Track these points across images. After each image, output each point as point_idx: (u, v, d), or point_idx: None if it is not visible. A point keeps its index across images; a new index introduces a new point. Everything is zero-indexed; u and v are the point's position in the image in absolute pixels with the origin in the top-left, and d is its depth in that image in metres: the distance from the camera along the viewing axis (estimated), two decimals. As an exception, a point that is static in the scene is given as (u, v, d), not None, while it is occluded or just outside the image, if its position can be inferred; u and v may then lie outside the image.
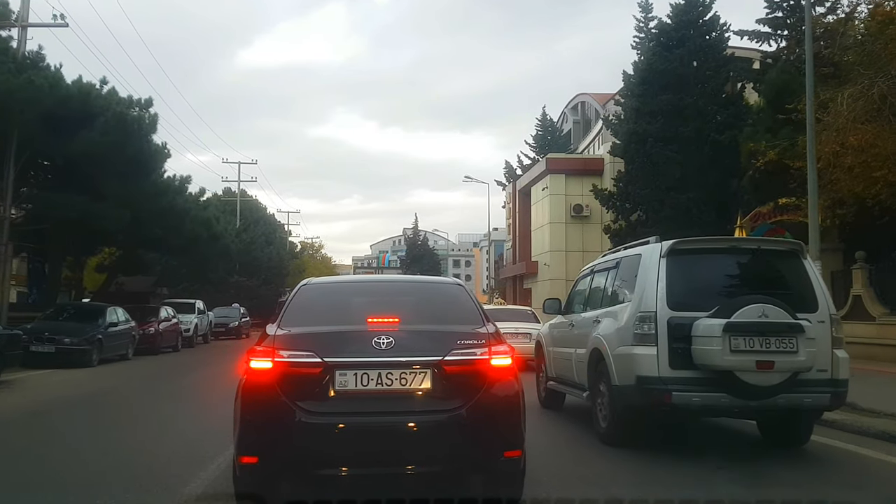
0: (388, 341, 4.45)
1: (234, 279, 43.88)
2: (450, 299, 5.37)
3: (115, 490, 5.31)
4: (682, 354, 6.27)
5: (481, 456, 4.41)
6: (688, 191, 23.89)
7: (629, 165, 26.15)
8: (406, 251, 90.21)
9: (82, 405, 10.85)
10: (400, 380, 4.38)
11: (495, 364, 4.50)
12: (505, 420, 4.47)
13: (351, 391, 4.35)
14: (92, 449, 7.10)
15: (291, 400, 4.31)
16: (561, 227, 32.69)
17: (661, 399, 6.25)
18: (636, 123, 25.10)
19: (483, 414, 4.38)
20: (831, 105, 15.14)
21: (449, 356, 4.44)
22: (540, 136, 47.76)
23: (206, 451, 6.59)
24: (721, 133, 23.99)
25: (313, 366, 4.36)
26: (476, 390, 4.42)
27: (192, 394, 12.55)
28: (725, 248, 7.30)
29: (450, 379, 4.42)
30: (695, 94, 24.68)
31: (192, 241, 25.67)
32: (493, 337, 4.69)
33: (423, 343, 4.54)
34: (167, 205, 22.10)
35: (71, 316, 19.00)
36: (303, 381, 4.38)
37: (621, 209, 27.64)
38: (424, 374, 4.40)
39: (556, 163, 33.95)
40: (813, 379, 6.30)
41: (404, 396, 4.39)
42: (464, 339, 4.58)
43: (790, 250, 7.01)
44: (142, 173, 20.22)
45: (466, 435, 4.35)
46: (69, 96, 18.25)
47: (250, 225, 48.98)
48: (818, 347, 6.29)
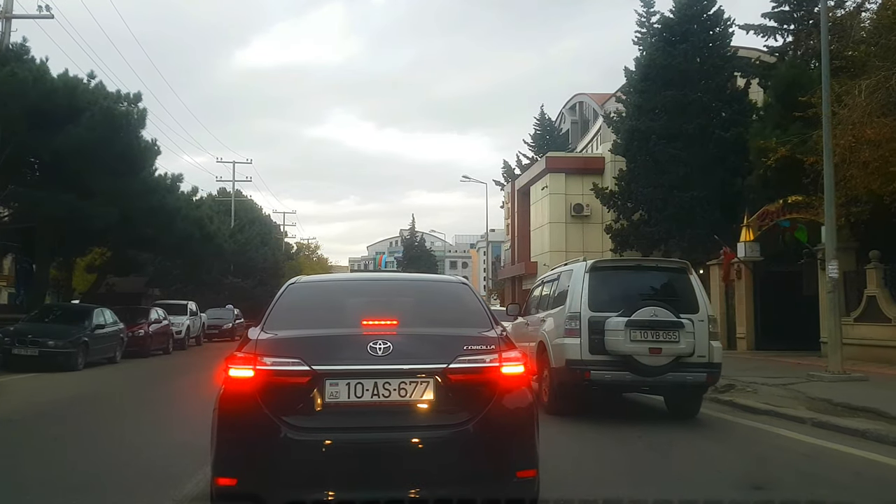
0: (385, 347, 3.94)
1: (229, 280, 43.23)
2: (454, 299, 4.85)
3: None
4: (597, 343, 8.35)
5: (492, 477, 3.89)
6: (692, 189, 23.32)
7: (631, 164, 25.57)
8: (403, 252, 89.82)
9: (56, 413, 10.21)
10: (399, 390, 3.87)
11: (506, 372, 4.00)
12: (518, 436, 3.98)
13: (343, 403, 3.84)
14: (56, 462, 6.48)
15: (275, 413, 3.79)
16: (561, 227, 32.08)
17: (583, 377, 8.31)
18: (638, 120, 24.52)
19: (493, 429, 3.89)
20: (845, 98, 14.57)
21: (455, 363, 3.93)
22: (538, 136, 47.17)
23: (182, 469, 5.96)
24: (726, 130, 23.44)
25: (300, 374, 3.83)
26: (485, 402, 3.92)
27: (175, 401, 11.89)
28: (632, 266, 10.29)
29: (456, 389, 3.92)
30: (699, 91, 24.12)
31: (184, 241, 25.03)
32: (504, 342, 4.18)
33: (425, 348, 4.03)
34: (157, 203, 21.46)
35: (57, 318, 18.40)
36: (288, 391, 3.84)
37: (623, 208, 27.07)
38: (427, 383, 3.90)
39: (556, 161, 33.33)
40: (694, 362, 8.37)
41: (404, 409, 3.88)
42: (471, 345, 4.05)
43: (680, 268, 9.20)
44: (131, 170, 19.56)
45: (475, 453, 3.85)
46: (54, 90, 17.64)
47: (245, 225, 48.36)
48: (697, 339, 8.34)
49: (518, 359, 4.10)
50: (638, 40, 27.38)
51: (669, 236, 24.32)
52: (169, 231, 23.06)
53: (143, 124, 19.45)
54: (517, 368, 4.05)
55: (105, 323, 18.89)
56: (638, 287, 8.97)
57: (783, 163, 16.55)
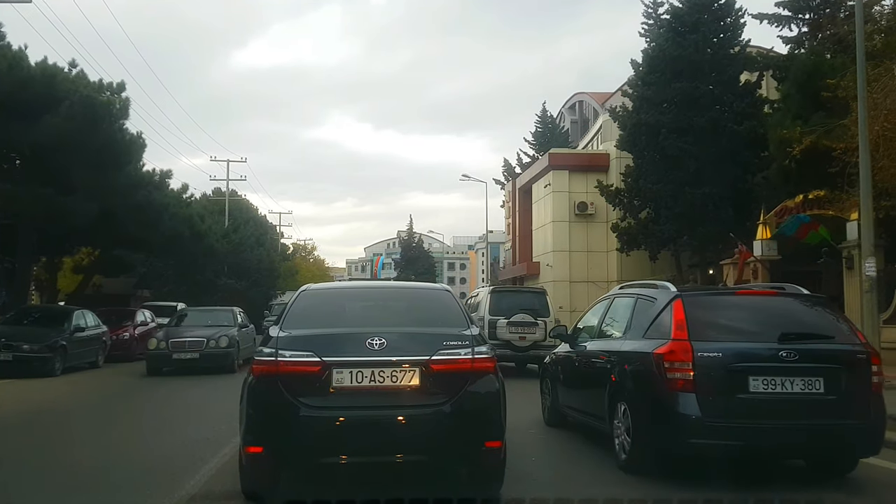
0: (380, 342, 4.80)
1: (223, 281, 42.06)
2: (437, 304, 5.68)
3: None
4: (492, 334, 14.67)
5: (464, 446, 4.84)
6: (703, 185, 22.31)
7: (639, 159, 24.54)
8: (401, 253, 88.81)
9: (18, 426, 9.20)
10: (391, 377, 4.75)
11: (477, 363, 4.86)
12: (486, 414, 4.87)
13: (347, 387, 4.72)
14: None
15: (293, 395, 4.67)
16: (564, 226, 30.98)
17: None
18: (647, 114, 23.45)
19: (466, 408, 4.79)
20: (875, 85, 13.61)
21: (436, 356, 4.81)
22: (540, 133, 46.09)
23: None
24: (739, 124, 22.44)
25: (313, 364, 4.71)
26: (460, 387, 4.80)
27: (151, 412, 10.85)
28: (513, 289, 18.92)
29: (436, 376, 4.79)
30: (710, 83, 23.13)
31: (173, 240, 23.96)
32: (476, 339, 5.07)
33: (412, 344, 4.91)
34: (144, 200, 20.37)
35: (35, 320, 17.42)
36: (303, 378, 4.72)
37: (629, 206, 26.05)
38: (413, 372, 4.77)
39: (560, 158, 32.17)
40: (545, 345, 13.78)
41: (395, 392, 4.75)
42: (449, 341, 4.93)
43: (542, 291, 17.31)
44: (114, 164, 18.46)
45: (450, 427, 4.75)
46: (30, 78, 16.59)
47: (240, 225, 47.24)
48: (547, 331, 14.01)
49: (487, 353, 4.97)
50: (645, 32, 26.23)
51: (679, 235, 23.31)
52: (156, 229, 21.97)
53: (125, 115, 18.36)
54: (487, 360, 4.92)
55: (86, 326, 17.87)
56: (517, 302, 15.89)
57: (806, 154, 15.55)
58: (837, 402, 5.59)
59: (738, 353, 5.65)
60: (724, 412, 5.50)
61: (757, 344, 5.75)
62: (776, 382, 5.53)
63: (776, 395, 5.53)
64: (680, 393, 5.55)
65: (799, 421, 5.55)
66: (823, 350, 5.76)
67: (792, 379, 5.55)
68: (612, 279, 30.42)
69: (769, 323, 5.93)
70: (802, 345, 5.69)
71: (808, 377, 5.56)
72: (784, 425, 5.57)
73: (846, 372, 5.69)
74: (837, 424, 5.59)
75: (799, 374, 5.55)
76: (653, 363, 5.78)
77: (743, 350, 5.70)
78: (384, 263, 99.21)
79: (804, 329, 5.90)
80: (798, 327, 5.89)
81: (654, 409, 5.83)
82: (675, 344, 5.67)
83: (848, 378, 5.67)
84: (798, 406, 5.57)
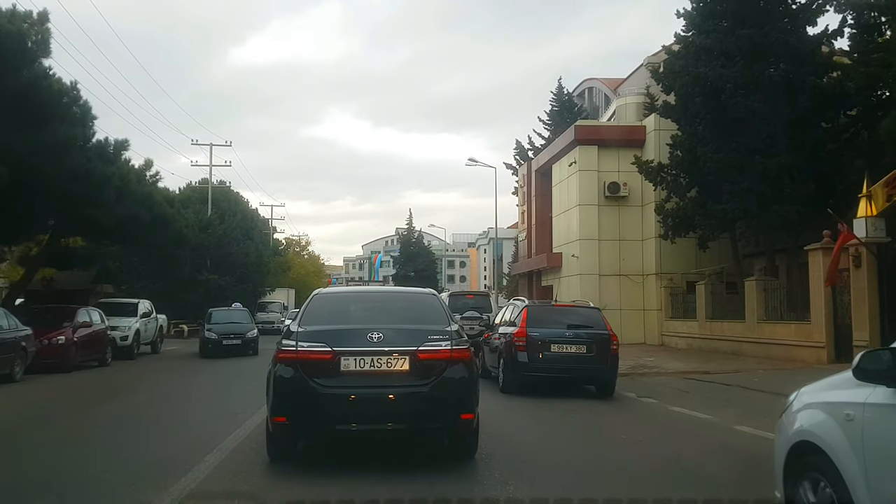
0: (378, 336, 6.25)
1: (205, 277, 37.78)
2: (424, 305, 7.29)
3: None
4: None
5: (443, 418, 6.38)
6: (777, 154, 18.10)
7: (692, 124, 20.26)
8: (400, 250, 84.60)
9: None
10: (386, 363, 6.20)
11: (455, 353, 6.30)
12: (461, 392, 6.35)
13: (352, 371, 6.17)
14: None
15: (310, 377, 6.10)
16: (593, 210, 26.64)
17: None
18: (707, 67, 19.17)
19: (445, 388, 6.23)
20: None
21: (422, 347, 6.25)
22: (556, 113, 41.74)
23: None
24: (821, 77, 18.26)
25: (325, 353, 6.15)
26: (440, 371, 6.24)
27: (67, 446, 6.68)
28: (468, 292, 26.79)
29: (422, 363, 6.22)
30: (783, 31, 18.94)
31: (129, 224, 19.73)
32: (455, 333, 6.51)
33: (403, 337, 6.35)
34: (81, 169, 16.11)
35: None
36: (318, 363, 6.15)
37: (674, 185, 21.86)
38: (404, 359, 6.21)
39: (587, 131, 27.74)
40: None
41: (389, 375, 6.18)
42: (433, 335, 6.35)
43: (486, 294, 26.17)
44: (36, 119, 14.22)
45: (432, 402, 6.22)
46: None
47: (226, 216, 43.00)
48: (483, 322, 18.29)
49: (463, 345, 6.47)
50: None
51: (746, 214, 19.11)
52: (103, 208, 17.72)
53: (45, 52, 14.00)
54: (463, 350, 6.42)
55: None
56: (470, 303, 20.47)
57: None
58: (594, 357, 11.95)
59: (546, 333, 12.03)
60: (539, 361, 11.86)
61: (555, 329, 12.17)
62: (563, 346, 11.96)
63: (563, 353, 11.96)
64: (519, 352, 12.02)
65: (576, 365, 11.99)
66: (588, 332, 12.16)
67: (571, 345, 12.03)
68: (649, 271, 26.15)
69: (564, 320, 12.53)
70: (577, 330, 12.20)
71: (579, 344, 12.01)
72: (568, 367, 11.98)
73: (597, 343, 12.02)
74: (593, 367, 11.99)
75: (574, 343, 12.00)
76: (512, 338, 12.26)
77: (548, 332, 12.06)
78: (382, 261, 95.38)
79: (580, 322, 12.47)
80: (577, 321, 12.49)
81: (511, 361, 12.23)
82: (521, 329, 12.19)
83: (598, 346, 12.01)
84: (574, 358, 11.97)
